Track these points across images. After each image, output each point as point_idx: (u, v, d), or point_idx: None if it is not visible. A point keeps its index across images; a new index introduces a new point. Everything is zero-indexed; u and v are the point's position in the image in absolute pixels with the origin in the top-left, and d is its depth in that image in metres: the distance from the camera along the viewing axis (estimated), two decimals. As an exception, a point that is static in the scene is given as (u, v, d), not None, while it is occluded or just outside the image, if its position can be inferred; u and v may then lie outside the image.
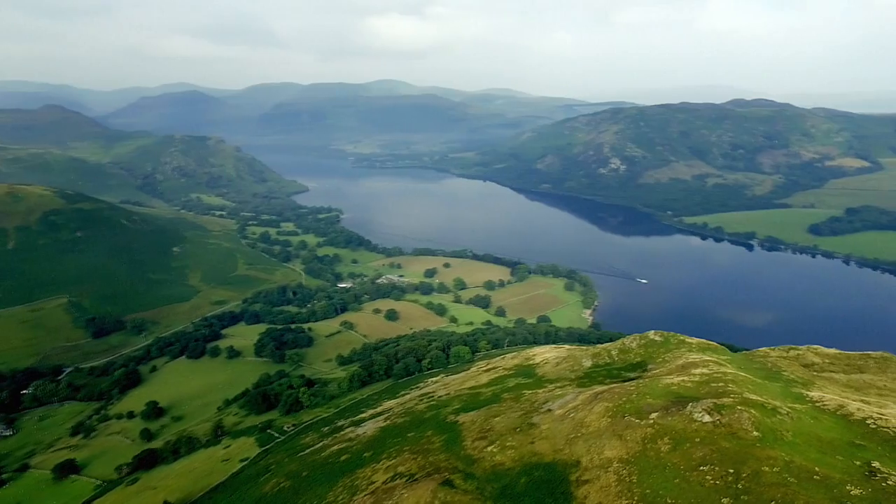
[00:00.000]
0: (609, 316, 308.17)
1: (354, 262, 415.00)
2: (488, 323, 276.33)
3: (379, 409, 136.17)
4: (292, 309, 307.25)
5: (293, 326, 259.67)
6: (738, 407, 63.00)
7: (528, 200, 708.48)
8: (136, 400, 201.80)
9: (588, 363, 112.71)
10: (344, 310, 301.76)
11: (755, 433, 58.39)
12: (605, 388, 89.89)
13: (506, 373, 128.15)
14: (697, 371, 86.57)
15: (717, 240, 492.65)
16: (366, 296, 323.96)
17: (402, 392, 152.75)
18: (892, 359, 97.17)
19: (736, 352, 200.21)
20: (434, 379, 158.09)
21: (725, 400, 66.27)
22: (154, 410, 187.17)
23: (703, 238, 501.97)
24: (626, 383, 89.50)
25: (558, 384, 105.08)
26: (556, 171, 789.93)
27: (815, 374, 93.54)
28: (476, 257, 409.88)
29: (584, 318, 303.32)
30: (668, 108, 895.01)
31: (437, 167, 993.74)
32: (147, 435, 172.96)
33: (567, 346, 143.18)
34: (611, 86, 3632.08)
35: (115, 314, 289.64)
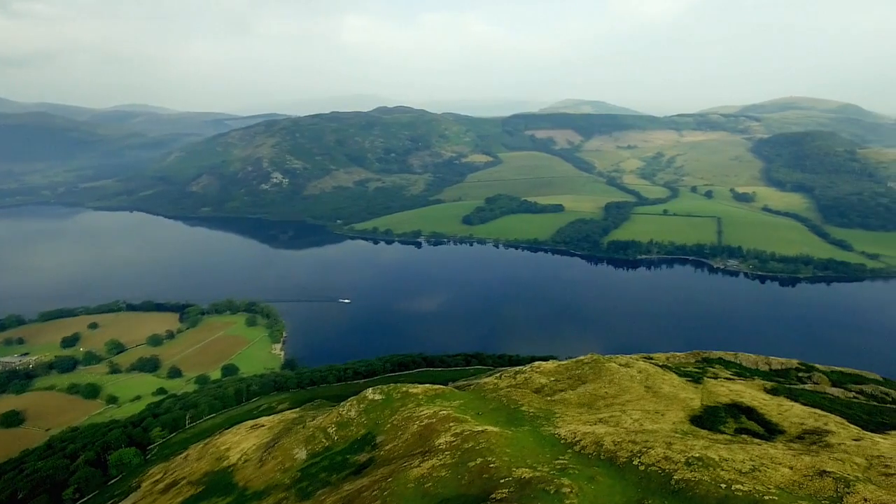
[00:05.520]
0: (304, 347, 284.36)
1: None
2: (161, 391, 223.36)
3: None
4: None
5: None
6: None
7: (187, 228, 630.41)
8: None
9: (302, 454, 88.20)
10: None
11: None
12: (337, 497, 68.22)
13: (194, 490, 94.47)
14: (442, 442, 71.31)
15: (389, 242, 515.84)
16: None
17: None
18: (600, 359, 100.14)
19: (450, 368, 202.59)
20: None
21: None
22: None
23: (376, 242, 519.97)
24: (363, 482, 69.30)
25: (271, 501, 78.86)
26: (214, 192, 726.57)
27: (548, 399, 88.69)
28: (133, 308, 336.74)
29: (275, 354, 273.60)
30: (320, 118, 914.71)
31: (64, 201, 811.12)
32: None
33: (268, 422, 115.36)
34: (261, 98, 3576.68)
35: None
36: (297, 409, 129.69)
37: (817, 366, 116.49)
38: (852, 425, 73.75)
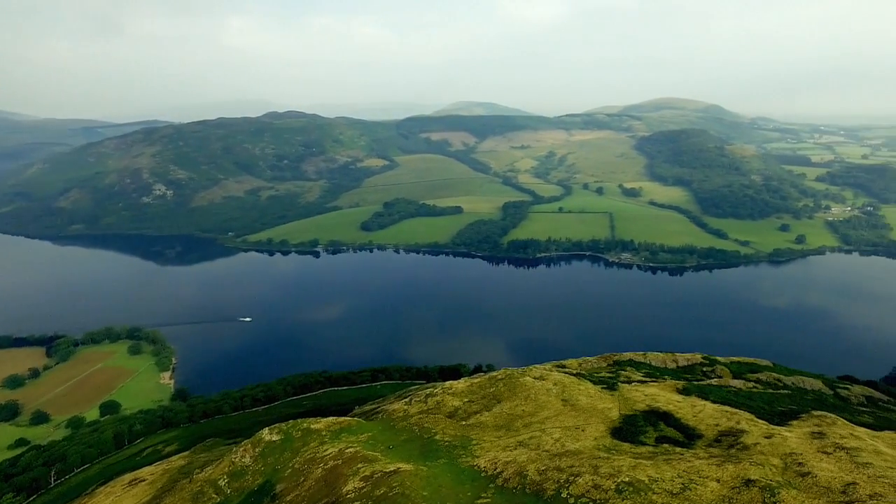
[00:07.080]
0: (198, 374, 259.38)
1: None
2: (22, 443, 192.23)
3: None
4: None
5: None
6: None
7: (56, 248, 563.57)
8: None
9: (187, 517, 76.00)
10: None
11: None
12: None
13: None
14: (350, 489, 62.37)
15: (285, 253, 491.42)
16: None
17: None
18: (514, 374, 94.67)
19: (356, 386, 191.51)
20: None
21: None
22: None
23: (271, 254, 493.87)
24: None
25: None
26: (87, 208, 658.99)
27: (464, 424, 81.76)
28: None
29: (164, 384, 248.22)
30: (205, 125, 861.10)
31: None
32: None
33: (150, 473, 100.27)
34: (138, 104, 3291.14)
35: None
36: (187, 453, 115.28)
37: (718, 358, 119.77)
38: (761, 420, 74.36)
